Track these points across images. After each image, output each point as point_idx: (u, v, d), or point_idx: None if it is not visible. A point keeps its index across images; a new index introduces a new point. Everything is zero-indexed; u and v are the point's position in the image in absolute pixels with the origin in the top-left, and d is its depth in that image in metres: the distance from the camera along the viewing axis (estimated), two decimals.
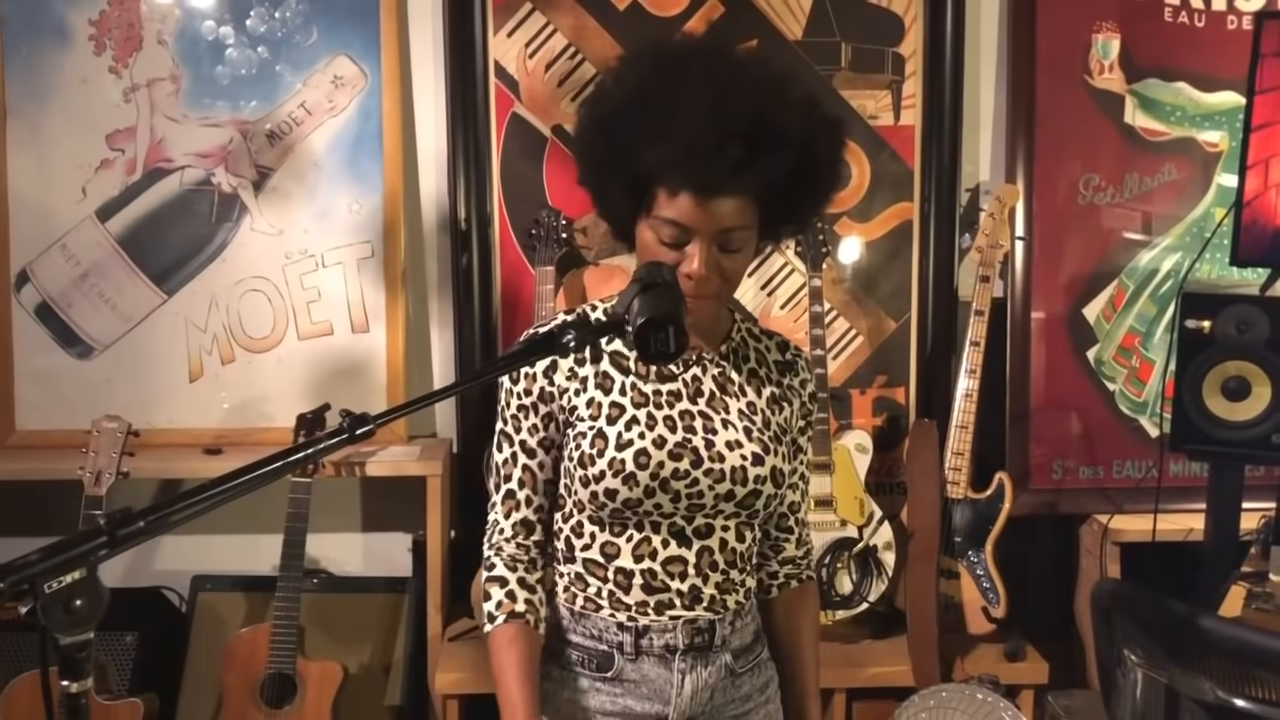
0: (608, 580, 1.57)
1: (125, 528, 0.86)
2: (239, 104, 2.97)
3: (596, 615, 1.58)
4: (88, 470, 2.50)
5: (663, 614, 1.56)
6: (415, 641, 2.91)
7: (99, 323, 2.98)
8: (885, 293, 3.08)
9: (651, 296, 1.27)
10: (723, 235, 1.46)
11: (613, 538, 1.56)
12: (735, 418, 1.59)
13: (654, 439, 1.53)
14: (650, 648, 1.57)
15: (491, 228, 3.01)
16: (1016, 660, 2.83)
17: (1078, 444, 3.06)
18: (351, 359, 3.01)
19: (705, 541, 1.57)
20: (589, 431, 1.54)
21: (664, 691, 1.58)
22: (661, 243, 1.47)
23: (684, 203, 1.43)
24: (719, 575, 1.58)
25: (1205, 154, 3.04)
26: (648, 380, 1.58)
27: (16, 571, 0.81)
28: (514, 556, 1.60)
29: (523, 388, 1.59)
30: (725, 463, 1.55)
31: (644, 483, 1.51)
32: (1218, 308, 2.51)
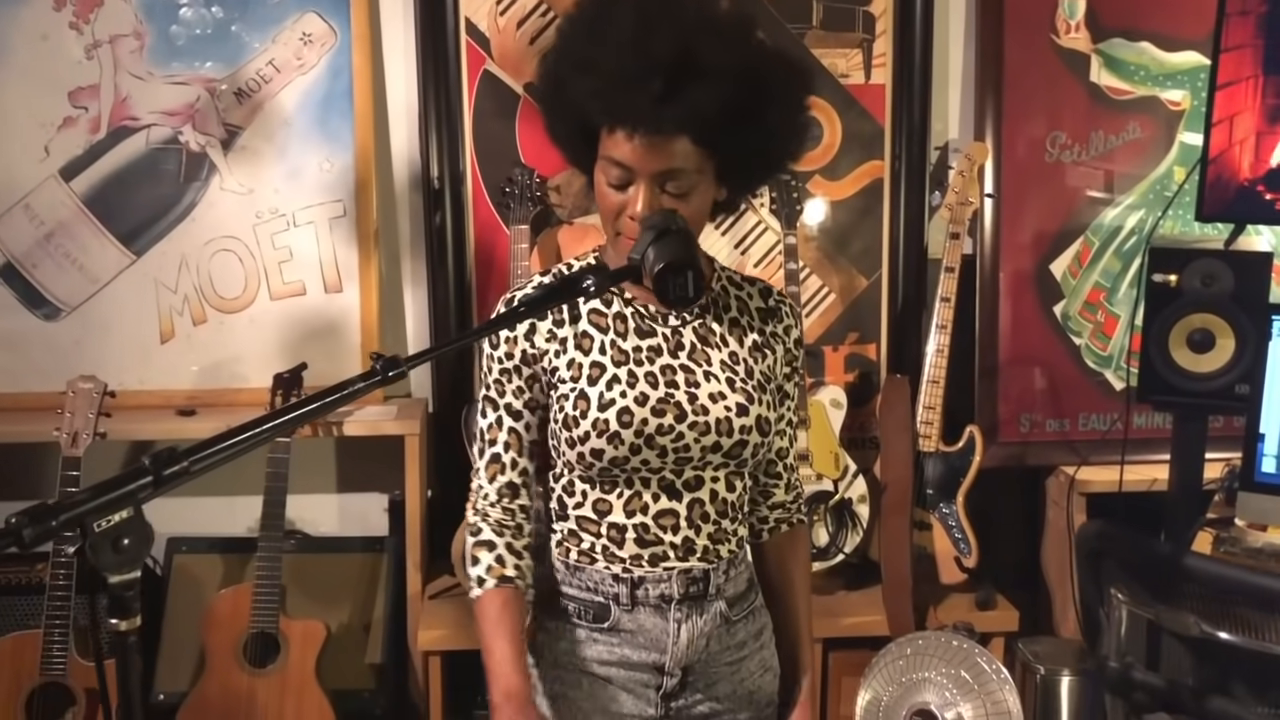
0: (601, 536, 1.58)
1: (170, 467, 0.87)
2: (205, 61, 2.92)
3: (591, 568, 1.59)
4: (64, 431, 2.47)
5: (657, 565, 1.57)
6: (395, 600, 2.91)
7: (66, 283, 2.94)
8: (856, 251, 3.11)
9: (667, 243, 1.28)
10: (664, 177, 1.44)
11: (604, 495, 1.57)
12: (718, 369, 1.59)
13: (636, 396, 1.53)
14: (646, 598, 1.58)
15: (464, 186, 3.00)
16: (987, 609, 2.90)
17: (1045, 398, 3.12)
18: (325, 319, 3.00)
19: (695, 494, 1.58)
20: (571, 393, 1.54)
21: (660, 641, 1.59)
22: (609, 184, 1.47)
23: (620, 140, 1.42)
24: (711, 526, 1.59)
25: (1168, 112, 3.09)
26: (627, 338, 1.57)
27: (67, 510, 0.81)
28: (500, 521, 1.60)
29: (504, 351, 1.58)
30: (710, 415, 1.55)
31: (629, 440, 1.51)
32: (1184, 262, 2.57)
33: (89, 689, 2.45)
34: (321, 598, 2.88)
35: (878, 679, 2.61)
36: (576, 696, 1.61)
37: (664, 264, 1.24)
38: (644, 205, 1.43)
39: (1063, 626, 3.05)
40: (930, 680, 2.55)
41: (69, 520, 0.80)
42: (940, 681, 2.54)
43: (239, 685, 2.55)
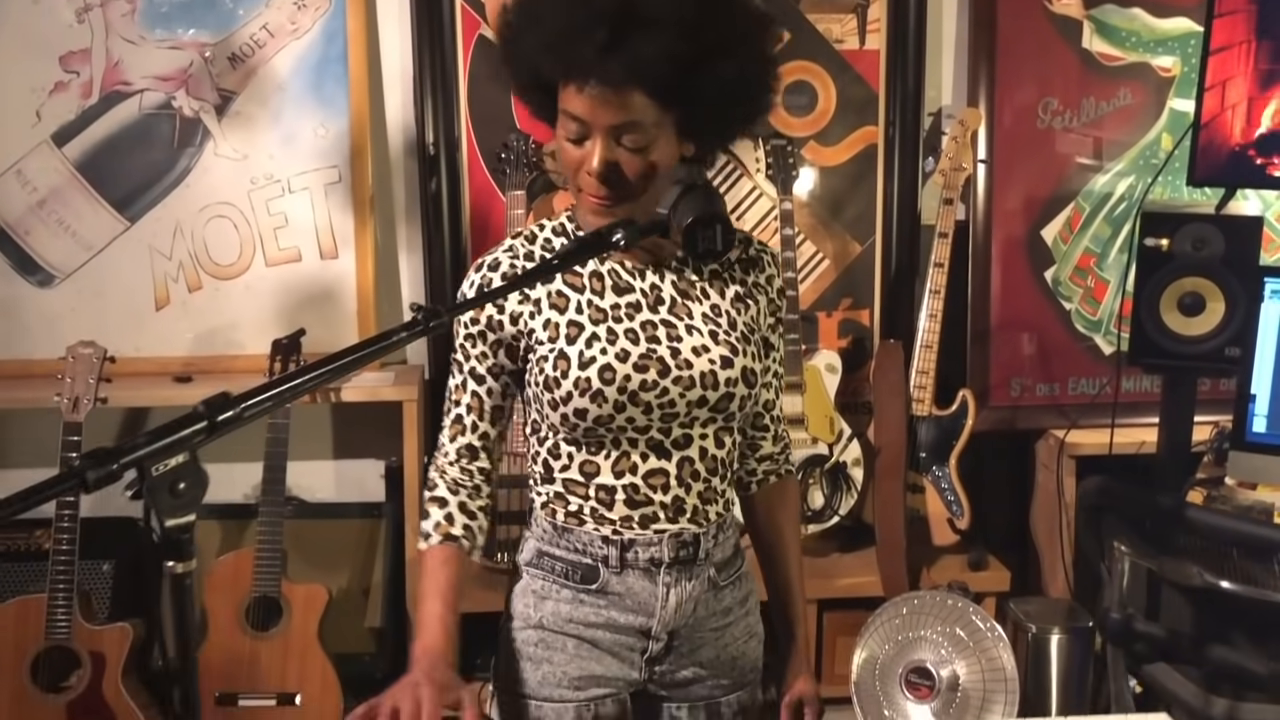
0: (589, 498, 1.56)
1: (223, 413, 0.88)
2: (198, 26, 2.90)
3: (580, 530, 1.57)
4: (65, 397, 2.47)
5: (647, 528, 1.55)
6: (393, 565, 2.93)
7: (59, 250, 2.93)
8: (850, 216, 3.13)
9: (694, 197, 1.28)
10: (619, 131, 1.41)
11: (590, 456, 1.54)
12: (699, 322, 1.56)
13: (617, 353, 1.50)
14: (635, 561, 1.56)
15: (460, 152, 3.00)
16: (979, 569, 2.95)
17: (1035, 362, 3.16)
18: (321, 285, 2.99)
19: (685, 452, 1.55)
20: (550, 354, 1.52)
21: (648, 604, 1.57)
22: (567, 139, 1.44)
23: (573, 94, 1.40)
24: (701, 485, 1.57)
25: (1159, 79, 3.12)
26: (604, 295, 1.54)
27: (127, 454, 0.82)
28: (457, 480, 1.58)
29: (469, 316, 1.55)
30: (693, 369, 1.52)
31: (612, 398, 1.49)
32: (1175, 226, 2.61)
33: (94, 652, 2.46)
34: (320, 563, 2.89)
35: (874, 638, 2.63)
36: (560, 659, 1.59)
37: (693, 217, 1.25)
38: (599, 160, 1.41)
39: (1052, 587, 3.10)
40: (926, 638, 2.58)
41: (130, 463, 0.82)
42: (936, 640, 2.57)
43: (242, 648, 2.57)
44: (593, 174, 1.42)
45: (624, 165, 1.43)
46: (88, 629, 2.47)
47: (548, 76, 1.44)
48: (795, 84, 3.05)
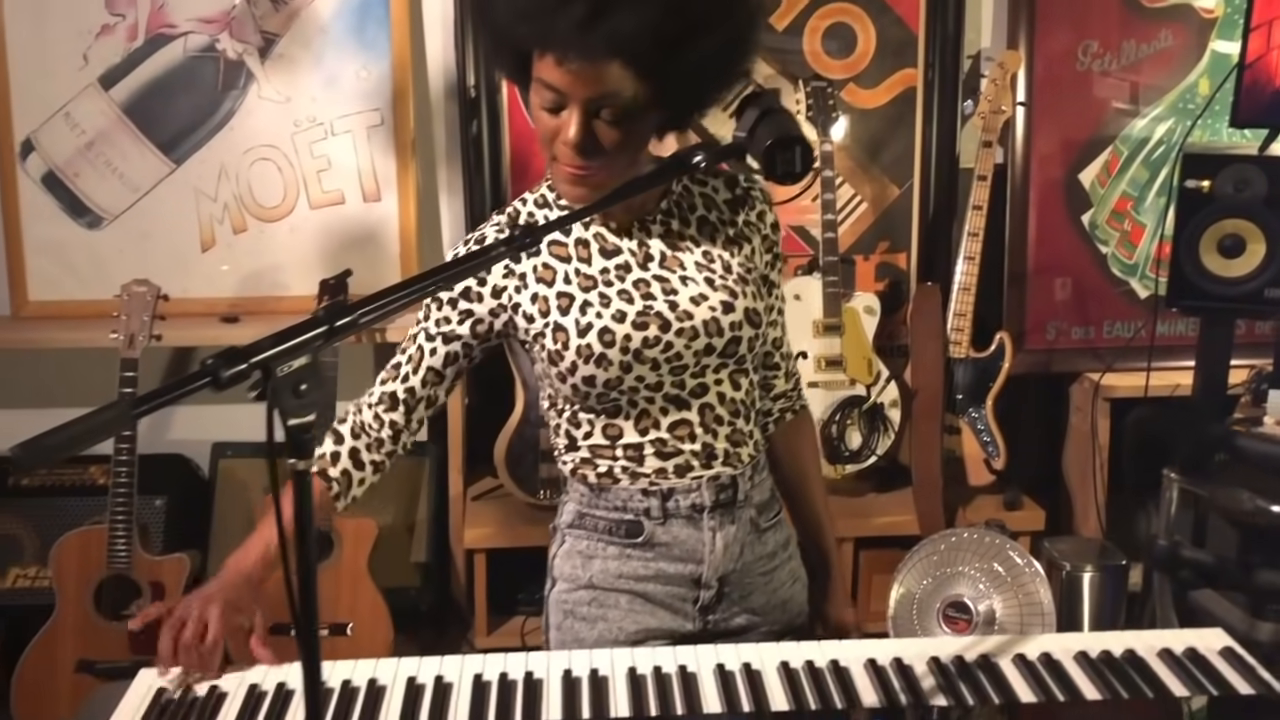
0: (618, 458, 1.56)
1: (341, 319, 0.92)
2: None
3: (616, 487, 1.57)
4: (121, 334, 2.51)
5: (684, 476, 1.56)
6: (438, 502, 2.99)
7: (107, 192, 2.97)
8: (888, 159, 3.14)
9: (772, 120, 1.30)
10: (597, 103, 1.37)
11: (611, 420, 1.55)
12: (693, 271, 1.55)
13: (613, 314, 1.49)
14: (677, 509, 1.57)
15: (500, 95, 3.01)
16: (1014, 509, 2.99)
17: (1071, 305, 3.18)
18: (364, 227, 3.03)
19: (703, 399, 1.55)
20: (546, 329, 1.51)
21: (696, 551, 1.59)
22: (542, 108, 1.40)
23: (548, 64, 1.35)
24: (726, 428, 1.58)
25: (1201, 20, 3.10)
26: (591, 262, 1.53)
27: (254, 354, 0.86)
28: (365, 425, 1.60)
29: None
30: (695, 319, 1.51)
31: (617, 360, 1.48)
32: (1217, 168, 2.61)
33: (153, 582, 2.53)
34: (366, 500, 2.90)
35: (912, 574, 2.67)
36: (615, 616, 1.60)
37: (772, 139, 1.26)
38: (575, 131, 1.36)
39: (1084, 527, 3.14)
40: (964, 574, 2.62)
41: (258, 363, 0.86)
42: (974, 575, 2.61)
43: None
44: (569, 145, 1.38)
45: (601, 136, 1.39)
46: (147, 559, 2.53)
47: (522, 46, 1.39)
48: (834, 26, 3.05)
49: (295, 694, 1.41)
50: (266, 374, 0.86)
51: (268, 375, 0.86)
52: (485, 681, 1.43)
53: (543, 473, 2.86)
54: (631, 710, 1.38)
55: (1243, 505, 1.70)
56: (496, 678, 1.44)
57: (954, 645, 1.53)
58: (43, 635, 2.53)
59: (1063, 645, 1.50)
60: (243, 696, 1.41)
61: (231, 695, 1.42)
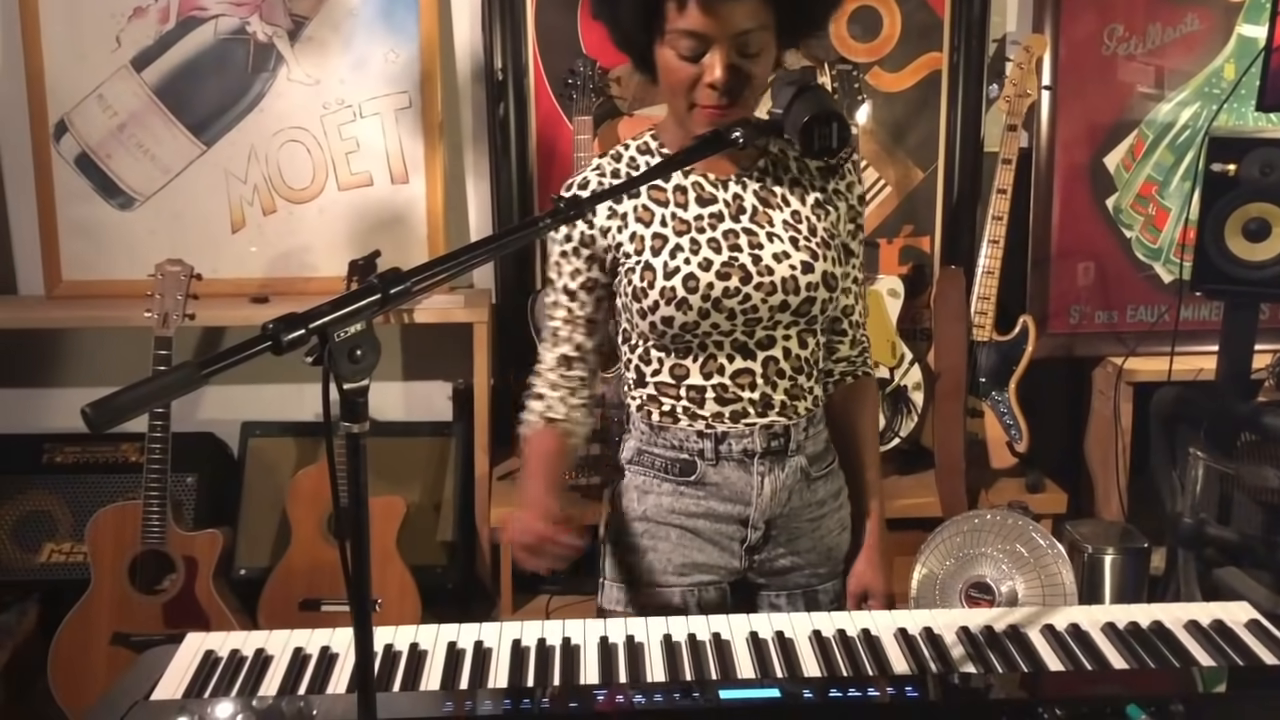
0: (680, 398, 1.64)
1: (395, 286, 0.94)
2: None
3: (675, 427, 1.66)
4: (155, 313, 2.55)
5: (738, 422, 1.64)
6: (463, 482, 3.02)
7: (139, 173, 3.00)
8: (913, 143, 3.15)
9: (809, 97, 1.33)
10: (739, 39, 1.46)
11: (680, 360, 1.63)
12: (780, 229, 1.62)
13: (700, 262, 1.57)
14: (730, 453, 1.65)
15: (527, 78, 3.03)
16: (1037, 492, 3.01)
17: (1094, 290, 3.19)
18: (392, 209, 3.06)
19: (769, 352, 1.63)
20: (637, 266, 1.59)
21: (745, 493, 1.67)
22: (681, 58, 1.47)
23: (693, 10, 1.43)
24: (787, 382, 1.65)
25: (1227, 4, 3.10)
26: (687, 208, 1.61)
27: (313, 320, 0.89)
28: (554, 382, 1.69)
29: (563, 234, 1.63)
30: (775, 275, 1.59)
31: (696, 305, 1.56)
32: (1243, 151, 2.61)
33: (187, 557, 2.57)
34: (393, 479, 2.99)
35: (934, 555, 2.71)
36: (665, 548, 1.69)
37: (809, 116, 1.29)
38: (721, 69, 1.45)
39: (1106, 510, 3.15)
40: (986, 555, 2.65)
41: (315, 329, 0.88)
42: (996, 556, 2.64)
43: (324, 556, 2.67)
44: (717, 85, 1.47)
45: (746, 69, 1.48)
46: (180, 534, 2.58)
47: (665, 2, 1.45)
48: (860, 10, 3.06)
49: (339, 656, 1.44)
50: (324, 339, 0.89)
51: (325, 340, 0.89)
52: (524, 647, 1.46)
53: None
54: (667, 675, 1.40)
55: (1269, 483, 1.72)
56: (535, 643, 1.47)
57: (983, 616, 1.55)
58: (79, 609, 2.58)
59: (1090, 617, 1.53)
60: (288, 659, 1.44)
61: (277, 658, 1.45)
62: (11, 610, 2.75)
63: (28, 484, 2.92)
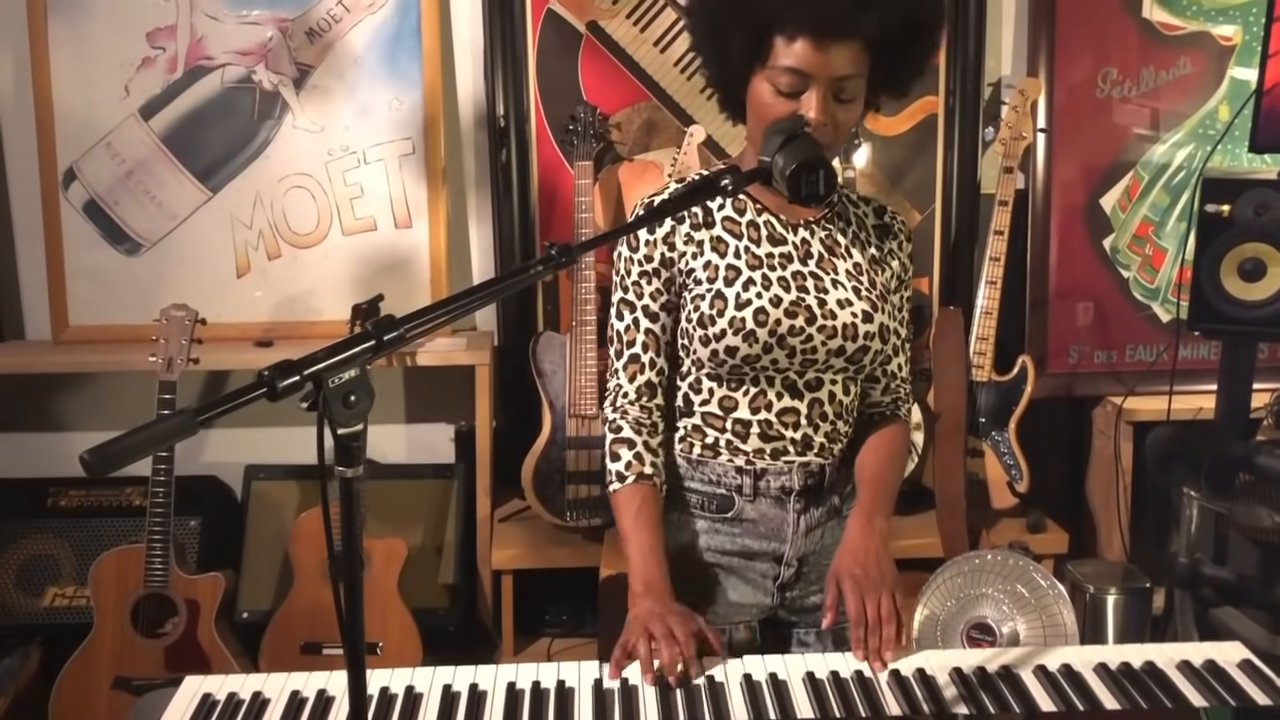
0: (725, 431, 1.67)
1: (389, 333, 0.96)
2: (277, 2, 3.00)
3: (715, 461, 1.69)
4: (159, 358, 2.58)
5: (778, 459, 1.67)
6: (465, 523, 3.03)
7: (146, 219, 3.04)
8: (910, 186, 3.18)
9: (797, 145, 1.36)
10: (838, 83, 1.51)
11: (730, 392, 1.66)
12: (844, 278, 1.66)
13: (770, 298, 1.61)
14: (767, 489, 1.68)
15: (529, 124, 3.08)
16: (1038, 532, 3.01)
17: (1093, 330, 3.20)
18: (395, 254, 3.09)
19: (815, 394, 1.67)
20: (707, 293, 1.62)
21: (781, 530, 1.70)
22: (779, 93, 1.51)
23: (802, 48, 1.48)
24: (828, 425, 1.69)
25: (1219, 48, 3.14)
26: (760, 244, 1.64)
27: (307, 367, 0.91)
28: (639, 420, 1.67)
29: (644, 254, 1.66)
30: (837, 320, 1.63)
31: (763, 339, 1.60)
32: (1237, 192, 2.64)
33: (189, 600, 2.58)
34: (395, 521, 3.00)
35: (935, 596, 2.69)
36: (698, 585, 1.70)
37: (797, 163, 1.32)
38: (817, 109, 1.49)
39: (1108, 550, 3.15)
40: (987, 596, 2.63)
41: (310, 375, 0.90)
42: (997, 597, 2.62)
43: (326, 599, 2.68)
44: (813, 124, 1.50)
45: (837, 115, 1.53)
46: (183, 578, 2.59)
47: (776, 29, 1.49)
48: None
49: (335, 700, 1.45)
50: (318, 385, 0.91)
51: (319, 387, 0.91)
52: (519, 690, 1.47)
53: (570, 494, 2.90)
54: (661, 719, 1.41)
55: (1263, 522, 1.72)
56: (529, 686, 1.47)
57: (976, 657, 1.55)
58: (81, 652, 2.58)
59: (1083, 657, 1.53)
60: (285, 702, 1.45)
61: (274, 701, 1.46)
62: (14, 654, 2.75)
63: (33, 528, 2.93)
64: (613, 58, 3.05)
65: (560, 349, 2.96)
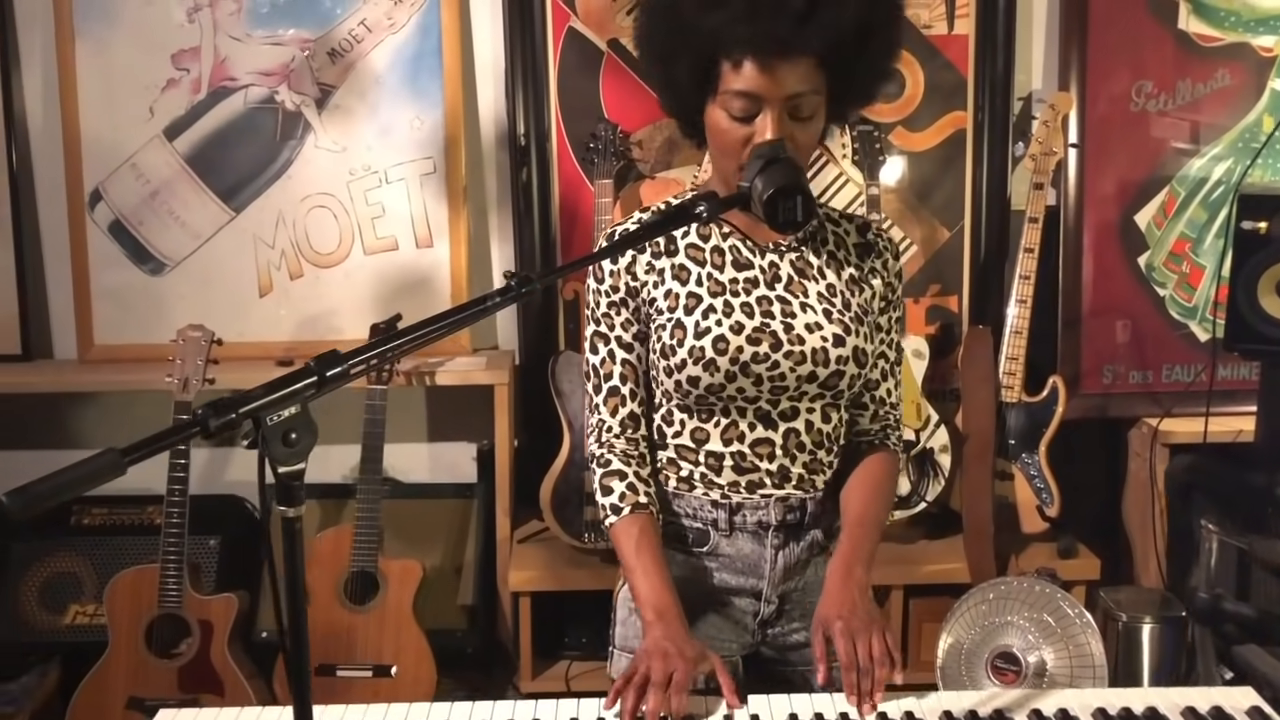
0: (699, 464, 1.63)
1: (331, 369, 0.94)
2: (300, 23, 3.01)
3: (690, 494, 1.64)
4: (175, 378, 2.59)
5: (754, 492, 1.62)
6: (485, 544, 3.01)
7: (170, 239, 3.06)
8: (939, 202, 3.12)
9: (776, 170, 1.32)
10: (792, 102, 1.46)
11: (701, 423, 1.61)
12: (814, 300, 1.60)
13: (731, 325, 1.56)
14: (744, 524, 1.63)
15: (549, 142, 3.06)
16: (1069, 557, 2.92)
17: (1128, 349, 3.11)
18: (417, 273, 3.09)
19: (791, 424, 1.61)
20: (668, 323, 1.58)
21: (758, 566, 1.64)
22: (733, 118, 1.48)
23: (750, 71, 1.44)
24: (806, 456, 1.63)
25: (1259, 59, 3.05)
26: (724, 270, 1.60)
27: (244, 405, 0.89)
28: (626, 452, 1.63)
29: (609, 285, 1.62)
30: (805, 345, 1.57)
31: (724, 368, 1.55)
32: (1275, 208, 2.56)
33: (202, 620, 2.58)
34: (415, 541, 2.98)
35: (960, 623, 2.64)
36: None
37: (775, 189, 1.28)
38: (773, 130, 1.45)
39: (1144, 576, 3.05)
40: (1013, 624, 2.58)
41: (247, 413, 0.88)
42: (1023, 625, 2.57)
43: (340, 621, 2.66)
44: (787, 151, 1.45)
45: (796, 135, 1.48)
46: (197, 599, 2.59)
47: (719, 57, 1.46)
48: None
49: None
50: (257, 423, 0.89)
51: (258, 425, 0.89)
52: None
53: (588, 515, 2.87)
54: None
55: None
56: None
57: (968, 700, 1.49)
58: (95, 672, 2.59)
59: (1081, 701, 1.46)
60: None
61: None
62: (32, 672, 2.77)
63: (56, 546, 2.95)
64: (634, 75, 3.02)
65: (580, 368, 2.93)
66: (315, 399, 0.93)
